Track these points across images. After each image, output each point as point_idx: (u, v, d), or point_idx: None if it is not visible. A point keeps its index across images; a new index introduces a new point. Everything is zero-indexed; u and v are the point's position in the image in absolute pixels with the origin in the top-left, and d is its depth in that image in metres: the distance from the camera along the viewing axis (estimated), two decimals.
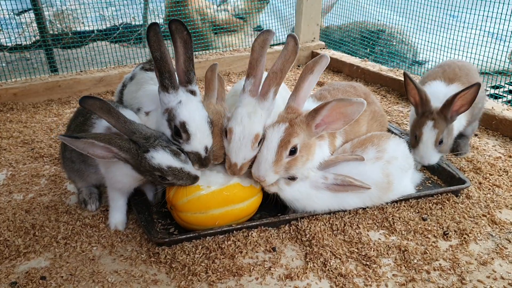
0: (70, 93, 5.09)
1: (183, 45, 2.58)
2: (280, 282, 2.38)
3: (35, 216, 2.93)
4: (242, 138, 2.60)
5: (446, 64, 3.63)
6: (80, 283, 2.38)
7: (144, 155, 2.49)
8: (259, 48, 2.65)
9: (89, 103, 2.42)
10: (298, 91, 2.72)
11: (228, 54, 6.06)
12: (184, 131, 2.54)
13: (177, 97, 2.59)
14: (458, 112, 3.09)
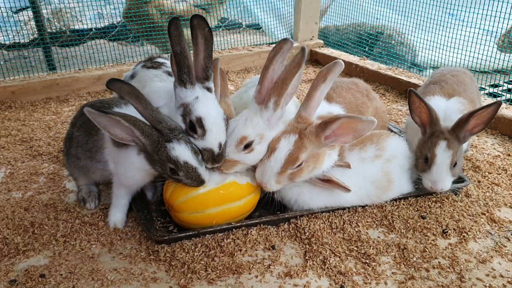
0: (69, 91, 5.08)
1: (204, 42, 2.56)
2: (280, 280, 2.38)
3: (34, 214, 2.92)
4: (229, 136, 2.66)
5: (441, 79, 3.41)
6: (79, 281, 2.37)
7: (165, 144, 2.49)
8: (272, 56, 2.64)
9: (118, 86, 2.45)
10: (309, 100, 2.68)
11: (226, 53, 6.05)
12: (200, 127, 2.55)
13: (194, 93, 2.58)
14: (472, 132, 2.84)
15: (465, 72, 3.52)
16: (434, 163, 2.81)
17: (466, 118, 2.76)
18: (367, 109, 3.14)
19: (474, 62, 4.90)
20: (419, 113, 2.92)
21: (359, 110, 3.07)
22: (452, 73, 3.44)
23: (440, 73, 3.55)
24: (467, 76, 3.46)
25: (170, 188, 2.69)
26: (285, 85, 2.61)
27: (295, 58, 2.60)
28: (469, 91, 3.24)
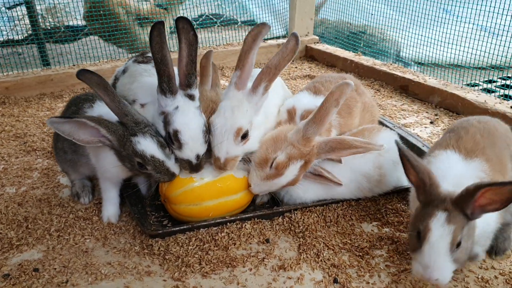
0: (63, 87, 5.07)
1: (188, 46, 2.50)
2: (274, 272, 2.38)
3: (27, 209, 2.92)
4: (224, 131, 2.59)
5: (461, 126, 2.54)
6: (73, 274, 2.37)
7: (130, 138, 2.49)
8: (251, 41, 2.62)
9: (87, 76, 2.44)
10: (321, 124, 2.57)
11: (221, 48, 6.05)
12: (176, 140, 2.53)
13: (174, 102, 2.54)
14: (484, 209, 1.99)
15: (498, 122, 2.62)
16: (427, 240, 1.99)
17: (472, 192, 1.95)
18: (356, 103, 3.14)
19: (468, 58, 4.92)
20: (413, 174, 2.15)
21: (347, 104, 3.07)
22: (479, 120, 2.57)
23: (463, 120, 2.70)
24: (500, 127, 2.57)
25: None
26: (278, 70, 2.61)
27: (288, 44, 2.60)
28: (497, 148, 2.38)
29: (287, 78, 5.47)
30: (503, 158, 2.31)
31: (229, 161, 2.62)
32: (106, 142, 2.53)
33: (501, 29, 4.59)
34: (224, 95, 2.71)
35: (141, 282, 2.33)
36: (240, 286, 2.30)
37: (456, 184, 2.09)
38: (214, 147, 2.63)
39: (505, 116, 3.84)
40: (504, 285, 2.28)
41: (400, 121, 4.19)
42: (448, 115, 4.29)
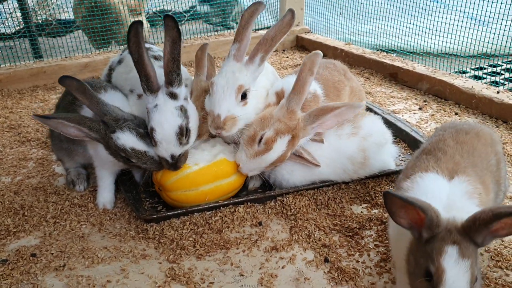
0: (56, 79, 4.97)
1: (170, 44, 2.52)
2: (266, 253, 2.45)
3: (23, 197, 2.96)
4: (226, 88, 2.66)
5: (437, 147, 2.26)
6: (70, 259, 2.43)
7: (110, 135, 2.56)
8: (248, 16, 2.74)
9: (67, 82, 2.53)
10: (301, 94, 2.70)
11: (213, 39, 6.09)
12: (152, 137, 2.58)
13: (155, 100, 2.58)
14: (495, 234, 1.74)
15: (478, 134, 2.33)
16: (444, 283, 1.65)
17: (490, 219, 1.67)
18: (344, 87, 3.20)
19: (458, 46, 4.99)
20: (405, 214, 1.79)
21: (336, 87, 3.13)
22: (456, 138, 2.29)
23: (438, 137, 2.37)
24: (479, 142, 2.29)
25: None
26: (274, 42, 2.73)
27: (284, 18, 2.72)
28: (478, 169, 2.15)
29: (278, 67, 5.52)
30: (485, 178, 2.11)
31: (229, 119, 2.65)
32: (93, 139, 2.62)
33: (488, 16, 4.66)
34: (223, 66, 2.79)
35: (137, 265, 2.39)
36: (234, 267, 2.36)
37: (447, 207, 1.89)
38: (213, 106, 2.67)
39: (491, 101, 3.92)
40: (489, 261, 2.35)
41: (389, 107, 4.25)
42: (437, 101, 4.36)
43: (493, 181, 2.16)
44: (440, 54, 5.20)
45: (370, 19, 6.29)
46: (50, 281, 2.28)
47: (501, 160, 2.29)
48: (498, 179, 2.23)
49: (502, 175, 2.28)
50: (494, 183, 2.17)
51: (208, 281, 2.26)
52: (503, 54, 5.05)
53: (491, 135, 2.36)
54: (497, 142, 2.34)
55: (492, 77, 4.97)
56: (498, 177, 2.23)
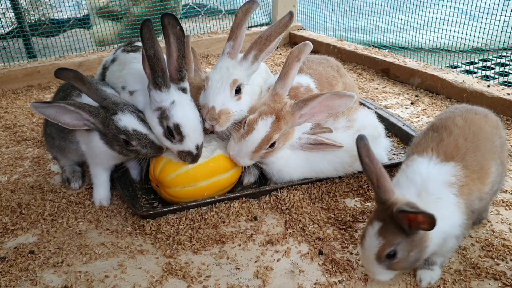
0: (50, 78, 5.10)
1: (176, 41, 2.56)
2: (262, 247, 2.49)
3: (20, 195, 2.99)
4: (221, 83, 2.70)
5: (445, 125, 2.32)
6: (68, 255, 2.46)
7: (112, 117, 2.61)
8: (242, 14, 2.77)
9: (64, 74, 2.57)
10: (286, 79, 2.78)
11: (206, 37, 6.12)
12: (178, 133, 2.59)
13: (169, 96, 2.60)
14: (419, 227, 1.92)
15: (486, 117, 2.39)
16: (362, 246, 2.07)
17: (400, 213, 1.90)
18: (337, 82, 3.24)
19: (449, 41, 5.04)
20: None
21: (329, 82, 3.17)
22: (465, 117, 2.34)
23: (448, 114, 2.44)
24: (487, 124, 2.34)
25: (159, 165, 2.78)
26: (269, 41, 2.76)
27: (283, 19, 2.76)
28: (480, 152, 2.21)
29: (272, 64, 5.56)
30: (486, 163, 2.19)
31: (224, 113, 2.69)
32: (91, 126, 2.63)
33: (479, 11, 4.71)
34: (217, 63, 2.82)
35: (134, 260, 2.42)
36: (230, 261, 2.40)
37: (420, 189, 2.08)
38: (208, 99, 2.71)
39: (482, 95, 3.97)
40: (480, 251, 2.40)
41: (382, 103, 4.30)
42: (428, 96, 4.41)
43: (497, 162, 2.25)
44: (431, 49, 5.25)
45: (362, 16, 6.33)
46: (49, 277, 2.31)
47: (505, 143, 2.39)
48: (502, 160, 2.33)
49: (505, 158, 2.37)
50: (499, 164, 2.27)
51: (204, 275, 2.30)
52: (494, 48, 5.11)
53: (497, 120, 2.45)
54: (501, 127, 2.43)
55: (483, 71, 5.02)
56: (502, 157, 2.33)
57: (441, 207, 2.05)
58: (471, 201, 2.15)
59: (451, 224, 2.09)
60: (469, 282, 2.20)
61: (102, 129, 2.65)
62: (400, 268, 2.05)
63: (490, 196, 2.30)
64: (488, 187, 2.21)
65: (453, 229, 2.11)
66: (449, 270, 2.28)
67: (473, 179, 2.15)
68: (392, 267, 2.03)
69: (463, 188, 2.11)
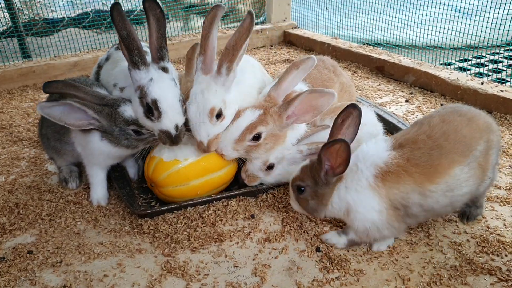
0: (45, 78, 5.09)
1: (156, 23, 2.60)
2: (259, 245, 2.51)
3: (18, 196, 2.99)
4: (199, 114, 2.65)
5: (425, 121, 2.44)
6: (66, 255, 2.47)
7: (117, 110, 2.64)
8: (208, 24, 2.64)
9: (53, 86, 2.60)
10: (281, 83, 2.83)
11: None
12: (156, 109, 2.58)
13: (148, 74, 2.61)
14: (335, 172, 2.28)
15: (471, 119, 2.40)
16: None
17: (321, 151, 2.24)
18: (333, 84, 3.26)
19: (443, 38, 5.07)
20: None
21: (325, 85, 3.19)
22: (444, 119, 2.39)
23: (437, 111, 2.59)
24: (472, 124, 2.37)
25: (151, 165, 2.79)
26: (237, 50, 2.65)
27: (243, 24, 2.64)
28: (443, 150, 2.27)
29: (267, 63, 5.57)
30: (442, 163, 2.25)
31: (212, 141, 2.70)
32: (96, 124, 2.64)
33: (473, 9, 4.74)
34: (194, 82, 2.76)
35: (132, 259, 2.43)
36: (228, 259, 2.41)
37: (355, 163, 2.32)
38: (194, 132, 2.70)
39: (476, 92, 4.01)
40: (475, 247, 2.43)
41: (376, 100, 4.32)
42: (423, 93, 4.44)
43: (470, 166, 2.29)
44: (425, 47, 5.29)
45: (356, 13, 6.35)
46: (48, 277, 2.32)
47: (491, 148, 2.37)
48: (484, 165, 2.35)
49: (490, 162, 2.38)
50: (474, 168, 2.30)
51: (203, 273, 2.32)
52: (487, 45, 5.15)
53: (488, 123, 2.43)
54: (492, 131, 2.41)
55: (477, 68, 5.06)
56: (484, 163, 2.35)
57: (356, 180, 2.29)
58: (401, 192, 2.25)
59: (357, 199, 2.29)
60: (464, 277, 2.23)
61: (108, 127, 2.66)
62: (302, 206, 2.44)
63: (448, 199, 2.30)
64: (438, 187, 2.25)
65: (365, 208, 2.28)
66: (445, 266, 2.31)
67: (411, 172, 2.24)
68: (298, 200, 2.44)
69: (389, 175, 2.24)
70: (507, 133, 3.58)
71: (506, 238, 2.47)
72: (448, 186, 2.26)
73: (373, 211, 2.27)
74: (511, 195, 2.85)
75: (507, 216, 2.66)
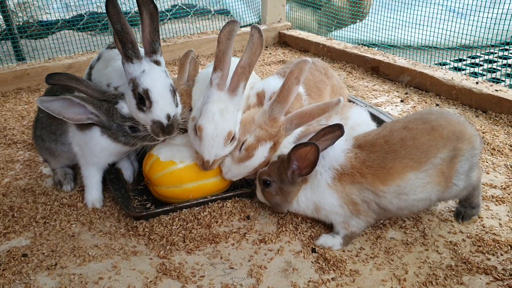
0: (39, 80, 5.07)
1: (149, 17, 2.60)
2: (255, 246, 2.50)
3: (12, 199, 2.98)
4: (215, 136, 2.56)
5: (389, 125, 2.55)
6: (61, 258, 2.45)
7: (115, 106, 2.64)
8: (225, 39, 2.58)
9: (56, 78, 2.60)
10: (285, 102, 2.65)
11: (196, 37, 6.12)
12: (147, 98, 2.58)
13: (141, 67, 2.62)
14: (301, 172, 2.42)
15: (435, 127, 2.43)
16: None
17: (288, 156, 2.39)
18: (325, 86, 3.26)
19: (438, 38, 5.09)
20: None
21: (317, 87, 3.18)
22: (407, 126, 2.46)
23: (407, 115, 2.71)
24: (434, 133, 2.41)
25: (149, 162, 2.80)
26: (251, 67, 2.61)
27: (253, 39, 2.59)
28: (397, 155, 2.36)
29: (262, 64, 5.57)
30: (396, 166, 2.34)
31: (217, 161, 2.68)
32: (95, 118, 2.65)
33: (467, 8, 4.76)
34: (207, 97, 2.65)
35: (128, 261, 2.42)
36: (224, 260, 2.41)
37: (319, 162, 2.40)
38: (203, 151, 2.63)
39: (471, 91, 4.02)
40: (471, 247, 2.43)
41: (372, 100, 4.33)
42: (418, 93, 4.45)
43: (429, 173, 2.35)
44: (420, 47, 5.30)
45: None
46: (43, 280, 2.31)
47: (458, 156, 2.39)
48: (448, 173, 2.40)
49: (455, 170, 2.41)
50: (434, 175, 2.36)
51: (198, 274, 2.31)
52: (482, 45, 5.16)
53: (457, 131, 2.43)
54: (462, 140, 2.41)
55: (472, 68, 5.07)
56: (448, 171, 2.39)
57: (317, 181, 2.46)
58: (356, 189, 2.39)
59: (321, 198, 2.46)
60: (460, 277, 2.23)
61: (106, 122, 2.68)
62: (267, 198, 2.59)
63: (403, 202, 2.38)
64: (390, 188, 2.34)
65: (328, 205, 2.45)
66: (440, 265, 2.31)
67: (364, 173, 2.37)
68: (263, 192, 2.58)
69: (344, 176, 2.41)
70: (502, 132, 3.59)
71: (502, 238, 2.48)
72: (400, 189, 2.34)
73: (335, 206, 2.44)
74: (506, 194, 2.85)
75: (503, 216, 2.66)
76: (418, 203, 2.41)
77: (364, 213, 2.43)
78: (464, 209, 2.63)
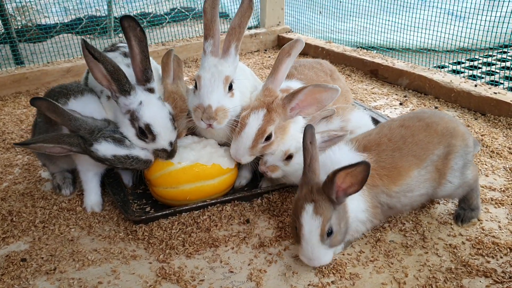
0: (38, 84, 5.08)
1: (138, 43, 2.57)
2: (255, 250, 2.50)
3: (11, 203, 2.97)
4: (213, 80, 2.68)
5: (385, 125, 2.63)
6: (60, 262, 2.45)
7: (90, 148, 2.60)
8: (211, 9, 2.72)
9: (38, 104, 2.58)
10: (276, 74, 2.83)
11: (195, 40, 6.12)
12: (149, 132, 2.62)
13: (136, 98, 2.62)
14: (346, 192, 2.16)
15: (429, 124, 2.52)
16: (302, 236, 2.20)
17: (332, 177, 2.10)
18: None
19: (437, 41, 5.10)
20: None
21: None
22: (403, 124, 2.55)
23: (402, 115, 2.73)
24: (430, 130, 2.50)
25: None
26: (242, 28, 2.74)
27: (243, 3, 2.73)
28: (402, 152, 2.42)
29: (261, 67, 5.57)
30: (403, 165, 2.39)
31: (220, 110, 2.68)
32: (76, 152, 2.65)
33: (466, 11, 4.77)
34: (202, 63, 2.79)
35: (127, 265, 2.42)
36: (223, 264, 2.40)
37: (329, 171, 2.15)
38: (203, 98, 2.68)
39: (469, 94, 4.03)
40: (471, 249, 2.43)
41: (371, 103, 4.33)
42: (417, 96, 4.45)
43: (427, 169, 2.44)
44: (419, 50, 5.30)
45: (349, 17, 6.38)
46: (42, 284, 2.30)
47: (452, 152, 2.47)
48: (442, 169, 2.47)
49: (450, 167, 2.47)
50: (431, 171, 2.45)
51: (198, 278, 2.30)
52: (480, 48, 5.17)
53: (450, 128, 2.51)
54: (455, 136, 2.49)
55: (470, 71, 5.08)
56: (443, 167, 2.46)
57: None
58: (376, 193, 2.38)
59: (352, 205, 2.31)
60: (460, 280, 2.23)
61: (88, 155, 2.65)
62: (337, 243, 2.26)
63: (408, 199, 2.46)
64: (401, 188, 2.40)
65: (356, 212, 2.34)
66: (440, 268, 2.30)
67: (381, 174, 2.38)
68: (332, 244, 2.22)
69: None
70: (500, 135, 3.59)
71: (501, 240, 2.48)
72: (408, 187, 2.42)
73: (362, 213, 2.38)
74: (505, 197, 2.85)
75: (502, 218, 2.66)
76: (420, 198, 2.50)
77: (378, 215, 2.44)
78: (463, 211, 2.64)
